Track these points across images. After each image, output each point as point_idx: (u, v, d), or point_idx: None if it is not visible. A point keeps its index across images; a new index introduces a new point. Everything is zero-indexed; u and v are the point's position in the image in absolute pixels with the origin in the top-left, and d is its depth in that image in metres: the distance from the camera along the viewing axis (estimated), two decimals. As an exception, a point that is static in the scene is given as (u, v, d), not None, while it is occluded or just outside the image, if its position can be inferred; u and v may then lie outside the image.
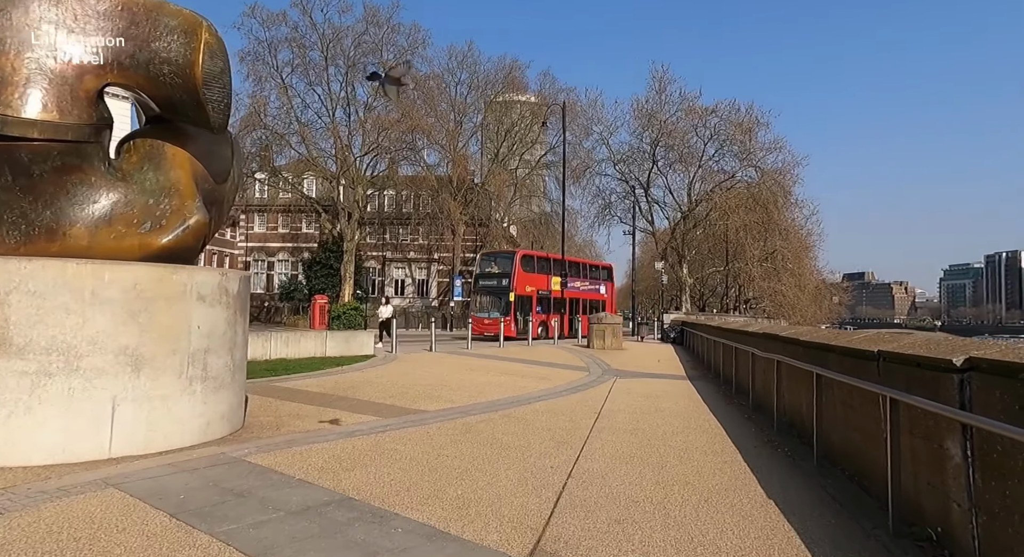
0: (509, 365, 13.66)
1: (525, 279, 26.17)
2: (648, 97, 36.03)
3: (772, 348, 7.31)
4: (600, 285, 32.16)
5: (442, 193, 47.32)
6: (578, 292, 29.90)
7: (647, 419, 7.39)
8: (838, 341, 5.00)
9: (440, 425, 6.55)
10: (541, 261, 28.82)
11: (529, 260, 27.79)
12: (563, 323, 26.40)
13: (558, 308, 27.74)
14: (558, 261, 29.91)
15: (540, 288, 27.27)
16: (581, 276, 30.62)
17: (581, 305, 29.86)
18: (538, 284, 27.10)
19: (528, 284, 26.39)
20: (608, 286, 33.28)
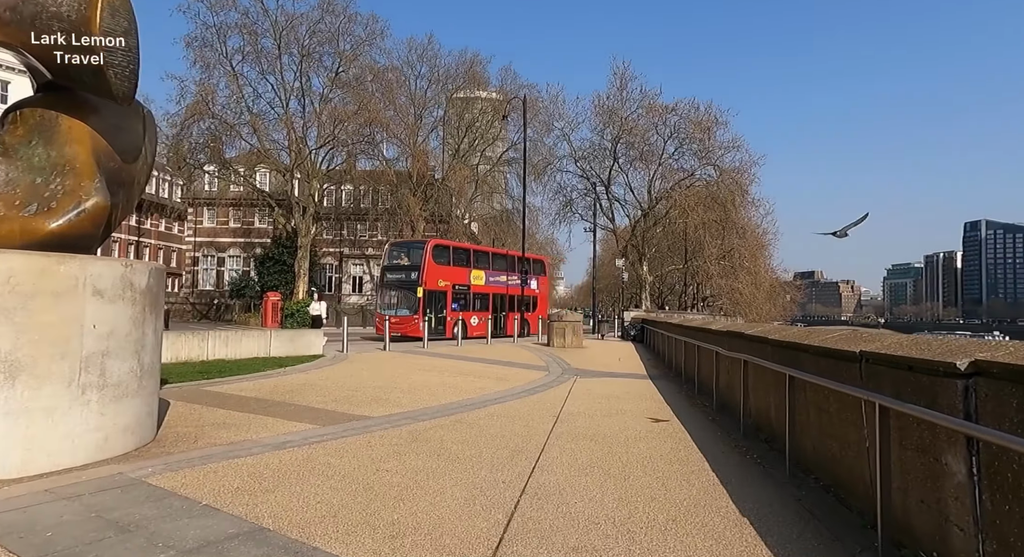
0: (466, 365, 13.11)
1: (438, 272, 23.33)
2: (609, 93, 35.99)
3: (738, 347, 6.99)
4: (531, 280, 29.22)
5: (401, 188, 46.32)
6: (504, 287, 27.27)
7: (608, 422, 6.97)
8: (812, 340, 4.65)
9: (384, 433, 5.96)
10: (459, 253, 26.14)
11: (443, 251, 24.97)
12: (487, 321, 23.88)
13: (480, 305, 25.68)
14: (481, 253, 27.93)
15: (457, 282, 24.39)
16: (508, 269, 27.84)
17: (508, 302, 27.29)
18: (454, 278, 24.28)
19: (442, 278, 23.51)
20: (540, 281, 30.52)
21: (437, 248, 24.44)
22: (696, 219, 32.49)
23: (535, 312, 28.26)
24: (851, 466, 3.84)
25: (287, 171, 41.40)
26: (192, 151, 40.18)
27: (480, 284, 25.73)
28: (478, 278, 25.71)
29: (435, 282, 23.06)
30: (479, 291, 25.68)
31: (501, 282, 27.12)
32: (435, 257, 23.43)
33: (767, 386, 5.94)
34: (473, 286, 25.39)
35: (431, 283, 22.80)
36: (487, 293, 26.14)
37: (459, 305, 24.38)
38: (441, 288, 23.45)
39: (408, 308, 22.55)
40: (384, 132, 44.24)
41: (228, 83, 38.72)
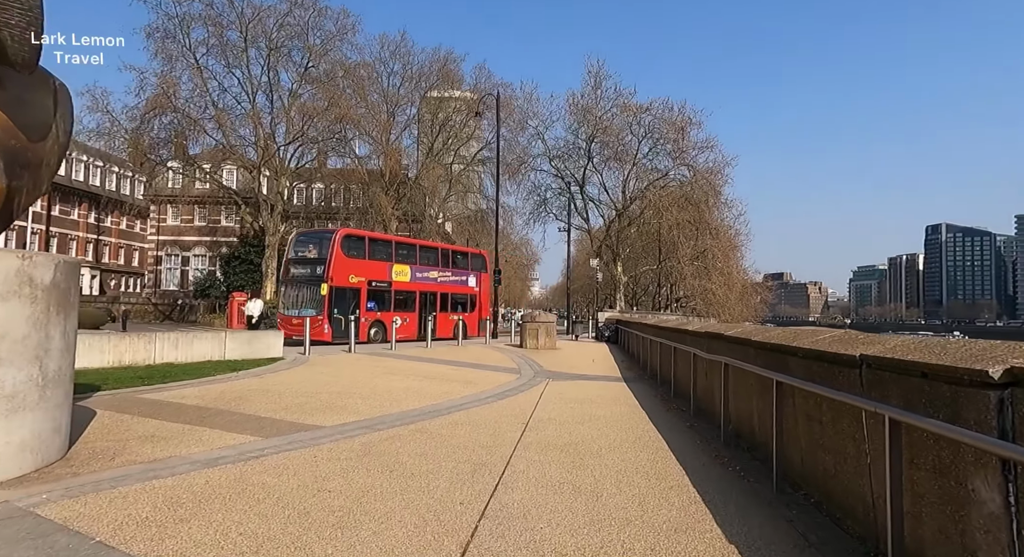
0: (434, 367, 12.54)
1: (349, 266, 20.48)
2: (584, 92, 35.73)
3: (717, 349, 6.60)
4: (468, 276, 26.53)
5: (373, 187, 45.48)
6: (434, 284, 24.46)
7: (580, 430, 6.51)
8: (801, 342, 4.25)
9: (334, 446, 5.39)
10: (377, 244, 23.11)
11: (356, 242, 22.08)
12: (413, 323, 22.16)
13: (404, 304, 22.90)
14: (405, 245, 25.13)
15: (375, 278, 21.66)
16: (441, 265, 25.12)
17: (440, 301, 24.57)
18: (371, 273, 21.51)
19: (355, 273, 20.66)
20: (481, 278, 27.51)
21: (348, 239, 21.58)
22: (670, 219, 32.43)
23: (475, 312, 26.08)
24: (848, 483, 3.43)
25: (254, 168, 40.18)
26: (154, 146, 38.70)
27: (405, 280, 23.00)
28: (402, 274, 22.94)
29: (345, 278, 20.34)
30: (403, 288, 23.00)
31: (431, 279, 24.40)
32: (346, 249, 20.72)
33: (749, 391, 5.55)
34: (396, 283, 22.64)
35: (340, 279, 20.13)
36: (413, 291, 23.40)
37: (377, 304, 21.61)
38: (353, 285, 20.67)
39: (313, 307, 19.70)
40: (355, 129, 43.38)
41: (192, 76, 37.41)
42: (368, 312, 21.11)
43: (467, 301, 26.10)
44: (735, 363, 5.62)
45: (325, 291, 19.58)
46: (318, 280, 19.92)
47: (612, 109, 34.39)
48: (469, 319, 25.28)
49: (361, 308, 20.75)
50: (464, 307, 25.66)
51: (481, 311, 26.24)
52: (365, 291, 21.10)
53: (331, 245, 20.50)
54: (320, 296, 19.65)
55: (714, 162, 34.45)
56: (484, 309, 26.70)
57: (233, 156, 39.77)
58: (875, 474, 3.08)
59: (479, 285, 27.20)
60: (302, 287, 20.65)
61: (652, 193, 33.70)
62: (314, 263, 20.68)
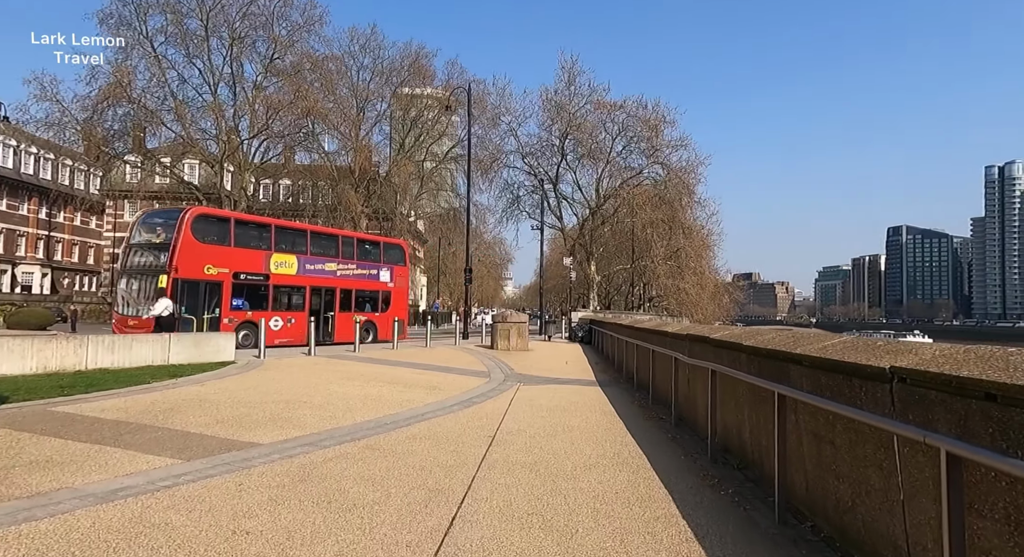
0: (398, 372, 11.77)
1: (204, 254, 16.69)
2: (557, 88, 35.14)
3: (702, 353, 6.03)
4: (380, 270, 22.48)
5: (342, 184, 44.34)
6: (332, 278, 20.49)
7: (552, 444, 5.87)
8: (807, 349, 3.67)
9: (266, 469, 4.63)
10: (248, 229, 19.16)
11: (216, 225, 18.15)
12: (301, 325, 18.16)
13: (289, 302, 19.13)
14: (290, 231, 21.11)
15: (244, 269, 17.79)
16: (341, 255, 21.12)
17: (340, 298, 20.69)
18: (238, 263, 17.62)
19: (213, 262, 16.87)
20: (397, 272, 23.41)
21: (203, 221, 17.36)
22: (644, 218, 32.13)
23: (388, 312, 22.06)
24: (872, 521, 2.85)
25: (216, 162, 38.64)
26: (108, 139, 36.90)
27: (289, 273, 19.01)
28: (285, 265, 18.91)
29: (197, 268, 16.48)
30: (287, 283, 19.04)
31: (328, 272, 20.38)
32: (199, 233, 16.78)
33: (739, 401, 4.98)
34: (276, 276, 18.60)
35: (189, 269, 16.24)
36: (302, 286, 19.41)
37: (248, 302, 17.80)
38: (212, 277, 16.79)
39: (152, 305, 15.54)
40: (323, 124, 42.19)
41: (149, 65, 35.70)
42: (234, 311, 17.25)
43: (377, 299, 22.32)
44: (724, 370, 5.04)
45: (164, 284, 15.71)
46: (158, 271, 16.22)
47: (586, 106, 33.97)
48: (381, 320, 21.73)
49: (224, 306, 17.01)
50: (374, 306, 22.06)
51: (397, 310, 22.66)
52: (229, 285, 17.23)
53: (178, 227, 16.38)
54: (158, 290, 15.78)
55: (687, 161, 34.35)
56: (401, 308, 23.31)
57: (194, 150, 38.15)
58: (912, 515, 2.50)
59: (394, 280, 23.22)
60: (144, 279, 16.67)
61: (626, 191, 33.36)
62: (159, 249, 16.64)
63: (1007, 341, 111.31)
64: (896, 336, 75.40)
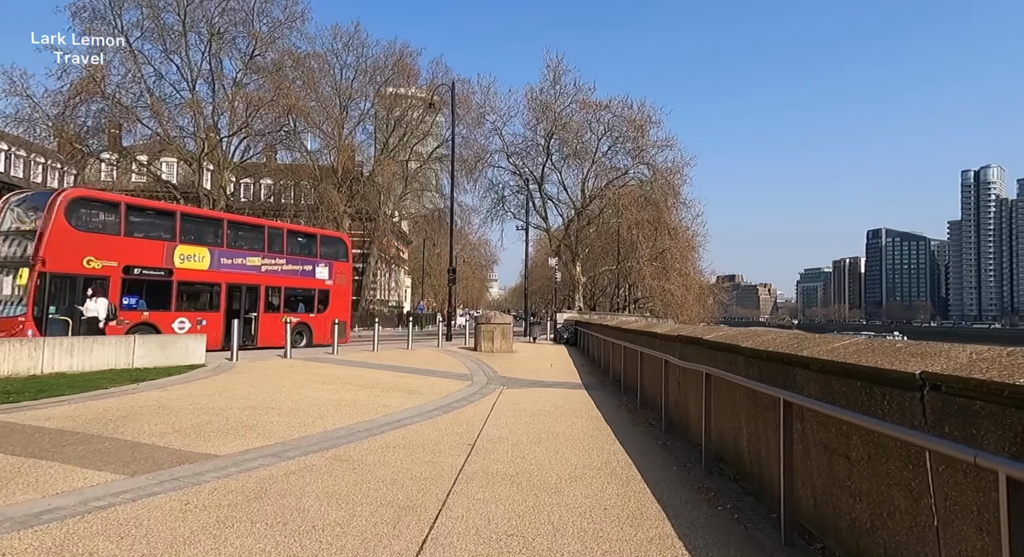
0: (377, 375, 11.31)
1: (83, 244, 14.15)
2: (542, 87, 34.85)
3: (694, 356, 5.69)
4: (317, 266, 19.94)
5: (324, 183, 43.69)
6: (255, 275, 17.94)
7: (536, 453, 5.49)
8: (815, 351, 3.33)
9: (219, 485, 4.18)
10: (144, 216, 16.59)
11: (100, 211, 15.48)
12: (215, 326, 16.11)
13: (197, 301, 16.68)
14: (200, 219, 18.54)
15: (139, 263, 15.18)
16: (268, 249, 18.48)
17: (267, 297, 18.30)
18: (130, 255, 15.03)
19: (95, 254, 14.27)
20: (336, 269, 20.73)
21: (80, 204, 14.82)
22: (630, 219, 31.93)
23: (327, 313, 19.72)
24: (896, 547, 2.51)
25: (194, 161, 37.76)
26: (81, 135, 35.88)
27: (199, 268, 16.43)
28: (194, 258, 16.30)
29: (74, 260, 13.90)
30: (196, 279, 16.50)
31: (250, 267, 17.85)
32: (76, 219, 14.24)
33: (736, 407, 4.64)
34: (182, 271, 15.99)
35: (62, 261, 13.62)
36: (215, 282, 16.87)
37: (147, 301, 15.29)
38: (93, 271, 14.16)
39: (13, 302, 13.40)
40: (305, 122, 41.52)
41: (124, 60, 34.76)
42: (126, 311, 14.72)
43: (312, 298, 19.82)
44: (719, 374, 4.69)
45: (24, 280, 13.22)
46: (19, 264, 13.67)
47: (571, 105, 33.71)
48: (317, 321, 19.51)
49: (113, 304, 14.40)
50: (308, 306, 19.65)
51: (337, 311, 20.03)
52: (118, 281, 14.65)
53: (48, 212, 13.70)
54: (17, 286, 13.40)
55: (673, 161, 34.25)
56: (341, 309, 20.69)
57: (171, 147, 37.25)
58: (949, 544, 2.16)
59: (334, 278, 20.53)
60: (9, 273, 14.04)
61: (611, 192, 33.16)
62: (26, 238, 13.96)
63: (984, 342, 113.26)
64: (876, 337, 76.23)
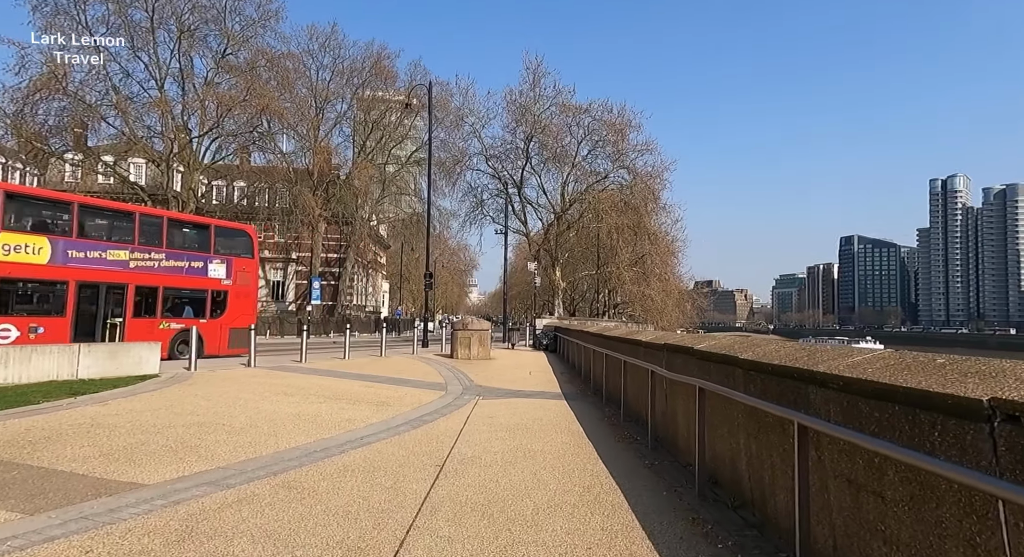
0: (345, 385, 10.65)
1: None
2: (522, 90, 34.48)
3: (685, 367, 5.20)
4: (211, 262, 16.93)
5: (299, 186, 42.77)
6: (122, 272, 14.81)
7: (511, 476, 4.94)
8: (832, 367, 2.85)
9: (137, 525, 3.55)
10: None
11: None
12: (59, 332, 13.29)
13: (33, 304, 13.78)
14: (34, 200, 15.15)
15: None
16: (138, 240, 15.29)
17: (137, 299, 15.15)
18: None
19: None
20: (238, 266, 17.68)
21: None
22: (610, 223, 31.62)
23: (224, 317, 16.96)
24: (953, 613, 2.01)
25: (163, 161, 36.54)
26: (43, 134, 34.46)
27: (36, 262, 13.20)
28: (27, 249, 13.08)
29: None
30: (33, 276, 13.41)
31: (114, 262, 14.64)
32: None
33: (734, 426, 4.15)
34: (8, 266, 12.75)
35: None
36: (60, 280, 13.67)
37: None
38: None
39: None
40: (280, 123, 40.56)
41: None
42: None
43: (204, 300, 16.67)
44: (714, 388, 4.21)
45: None
46: None
47: (551, 108, 33.40)
48: (210, 328, 16.45)
49: None
50: (198, 309, 16.50)
51: (239, 316, 17.18)
52: None
53: None
54: None
55: (653, 166, 34.10)
56: (244, 314, 17.42)
57: (137, 146, 35.99)
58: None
59: (234, 276, 17.42)
60: None
61: (591, 196, 32.85)
62: None
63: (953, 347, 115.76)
64: (850, 342, 77.43)
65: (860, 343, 70.19)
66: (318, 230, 46.05)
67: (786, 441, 3.23)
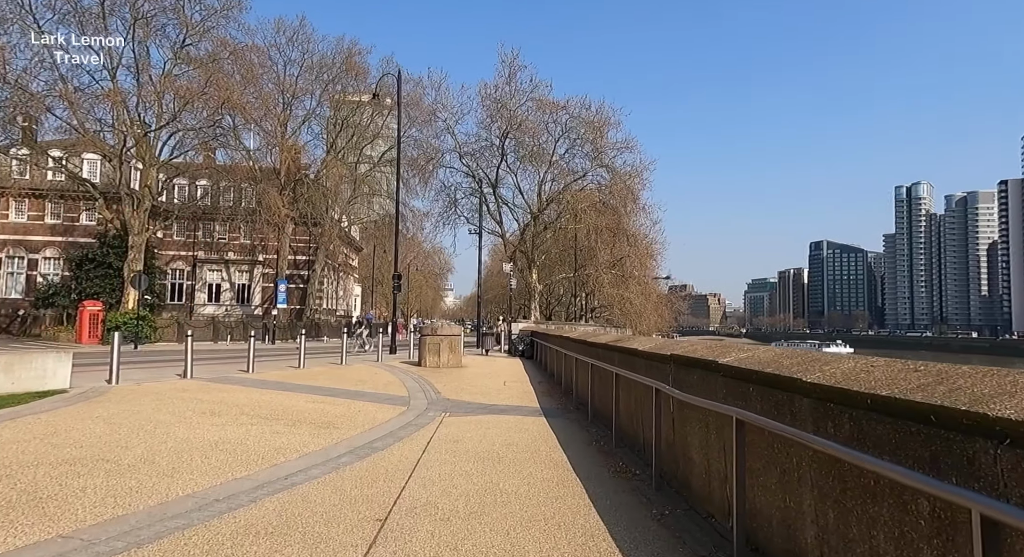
0: (290, 400, 9.18)
1: None
2: (497, 84, 33.15)
3: (706, 387, 3.94)
4: None
5: (266, 185, 40.91)
6: None
7: (475, 536, 3.62)
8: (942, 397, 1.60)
9: None
10: None
11: None
12: None
13: None
14: None
15: None
16: None
17: None
18: None
19: None
20: None
21: None
22: (588, 223, 30.53)
23: None
24: None
25: (115, 156, 34.29)
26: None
27: None
28: None
29: None
30: None
31: None
32: None
33: (790, 475, 2.90)
34: None
35: None
36: None
37: None
38: None
39: None
40: (243, 118, 38.58)
41: (29, 42, 31.16)
42: None
43: None
44: (764, 424, 2.96)
45: None
46: None
47: (527, 103, 32.18)
48: None
49: None
50: None
51: None
52: None
53: None
54: None
55: (632, 165, 33.13)
56: None
57: (86, 139, 33.69)
58: None
59: None
60: None
61: (569, 195, 31.71)
62: None
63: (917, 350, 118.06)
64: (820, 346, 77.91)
65: (831, 347, 70.51)
66: (285, 231, 44.17)
67: (908, 520, 1.99)
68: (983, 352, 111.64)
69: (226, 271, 49.65)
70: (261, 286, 49.65)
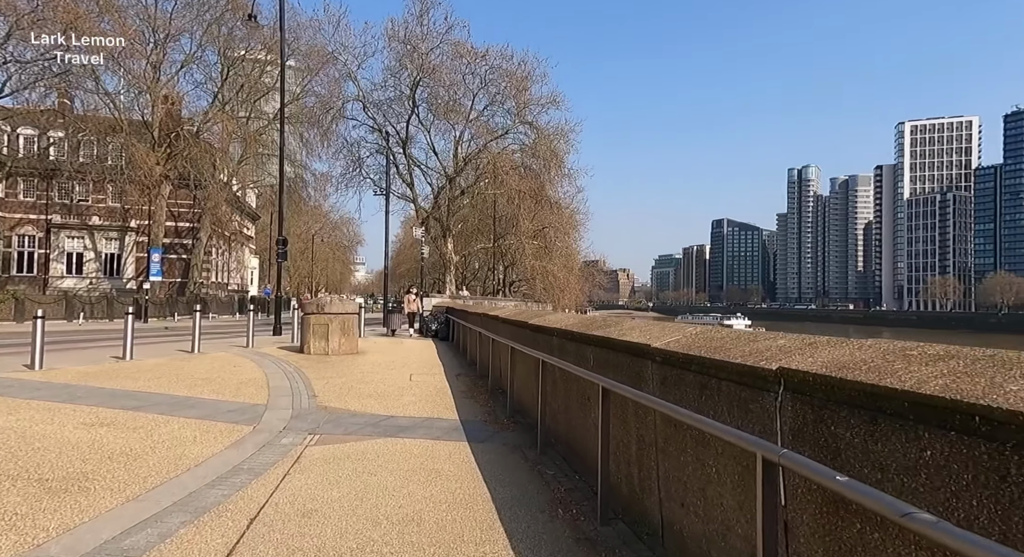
0: (57, 418, 5.71)
1: None
2: (407, 21, 28.84)
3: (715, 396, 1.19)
4: None
5: (131, 137, 34.78)
6: None
7: None
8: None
9: None
10: None
11: None
12: None
13: None
14: None
15: None
16: None
17: None
18: None
19: None
20: None
21: None
22: (510, 187, 27.68)
23: None
24: None
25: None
26: None
27: None
28: None
29: None
30: None
31: None
32: None
33: None
34: None
35: None
36: None
37: None
38: None
39: None
40: (99, 54, 32.07)
41: None
42: None
43: None
44: None
45: None
46: None
47: (442, 46, 28.31)
48: None
49: None
50: None
51: None
52: None
53: None
54: None
55: (559, 125, 30.32)
56: None
57: None
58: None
59: None
60: None
61: (488, 156, 28.61)
62: None
63: (803, 321, 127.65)
64: (722, 319, 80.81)
65: (731, 320, 73.08)
66: (161, 193, 38.17)
67: None
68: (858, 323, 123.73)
69: (90, 238, 42.75)
70: (135, 256, 43.36)
